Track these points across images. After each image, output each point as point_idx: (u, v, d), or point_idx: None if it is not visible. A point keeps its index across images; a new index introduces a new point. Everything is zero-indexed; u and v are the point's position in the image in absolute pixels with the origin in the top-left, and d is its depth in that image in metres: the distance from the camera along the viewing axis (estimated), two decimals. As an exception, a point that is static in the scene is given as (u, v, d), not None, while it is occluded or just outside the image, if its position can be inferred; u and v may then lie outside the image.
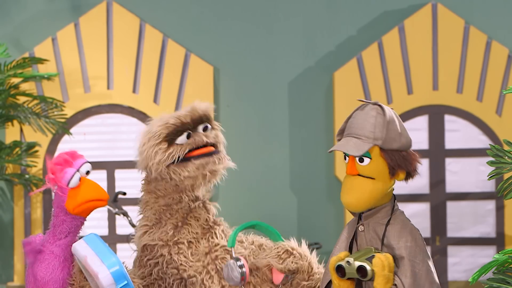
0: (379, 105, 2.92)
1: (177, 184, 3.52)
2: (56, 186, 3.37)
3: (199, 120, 3.52)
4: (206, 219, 3.63)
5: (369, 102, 2.94)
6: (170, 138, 3.47)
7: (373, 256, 2.83)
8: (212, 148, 3.53)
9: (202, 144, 3.50)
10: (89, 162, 3.41)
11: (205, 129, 3.54)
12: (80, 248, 3.25)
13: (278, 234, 3.56)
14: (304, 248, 3.48)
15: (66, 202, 3.37)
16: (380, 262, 2.78)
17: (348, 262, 2.81)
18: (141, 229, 3.62)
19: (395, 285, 2.80)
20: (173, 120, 3.48)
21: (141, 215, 3.65)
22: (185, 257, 3.57)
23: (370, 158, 2.87)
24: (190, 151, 3.50)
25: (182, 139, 3.48)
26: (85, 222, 3.47)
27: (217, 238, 3.62)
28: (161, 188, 3.56)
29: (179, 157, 3.46)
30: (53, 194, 3.40)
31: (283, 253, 3.43)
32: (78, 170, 3.36)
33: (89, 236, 3.31)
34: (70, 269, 3.45)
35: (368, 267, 2.78)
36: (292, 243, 3.48)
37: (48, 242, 3.45)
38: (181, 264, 3.56)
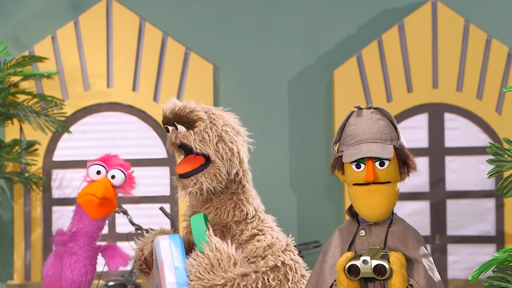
0: (375, 108, 2.87)
1: None
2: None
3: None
4: None
5: (363, 108, 2.88)
6: None
7: (385, 255, 2.79)
8: None
9: None
10: (122, 170, 3.61)
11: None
12: (163, 248, 3.42)
13: (196, 241, 3.45)
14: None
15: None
16: (398, 261, 2.73)
17: (364, 261, 2.73)
18: None
19: (411, 285, 2.77)
20: None
21: None
22: None
23: (389, 161, 2.80)
24: None
25: None
26: (104, 226, 3.62)
27: None
28: None
29: None
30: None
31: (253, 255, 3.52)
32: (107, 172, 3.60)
33: (175, 237, 3.47)
34: (87, 268, 3.56)
35: (387, 265, 2.72)
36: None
37: (67, 241, 3.57)
38: None
